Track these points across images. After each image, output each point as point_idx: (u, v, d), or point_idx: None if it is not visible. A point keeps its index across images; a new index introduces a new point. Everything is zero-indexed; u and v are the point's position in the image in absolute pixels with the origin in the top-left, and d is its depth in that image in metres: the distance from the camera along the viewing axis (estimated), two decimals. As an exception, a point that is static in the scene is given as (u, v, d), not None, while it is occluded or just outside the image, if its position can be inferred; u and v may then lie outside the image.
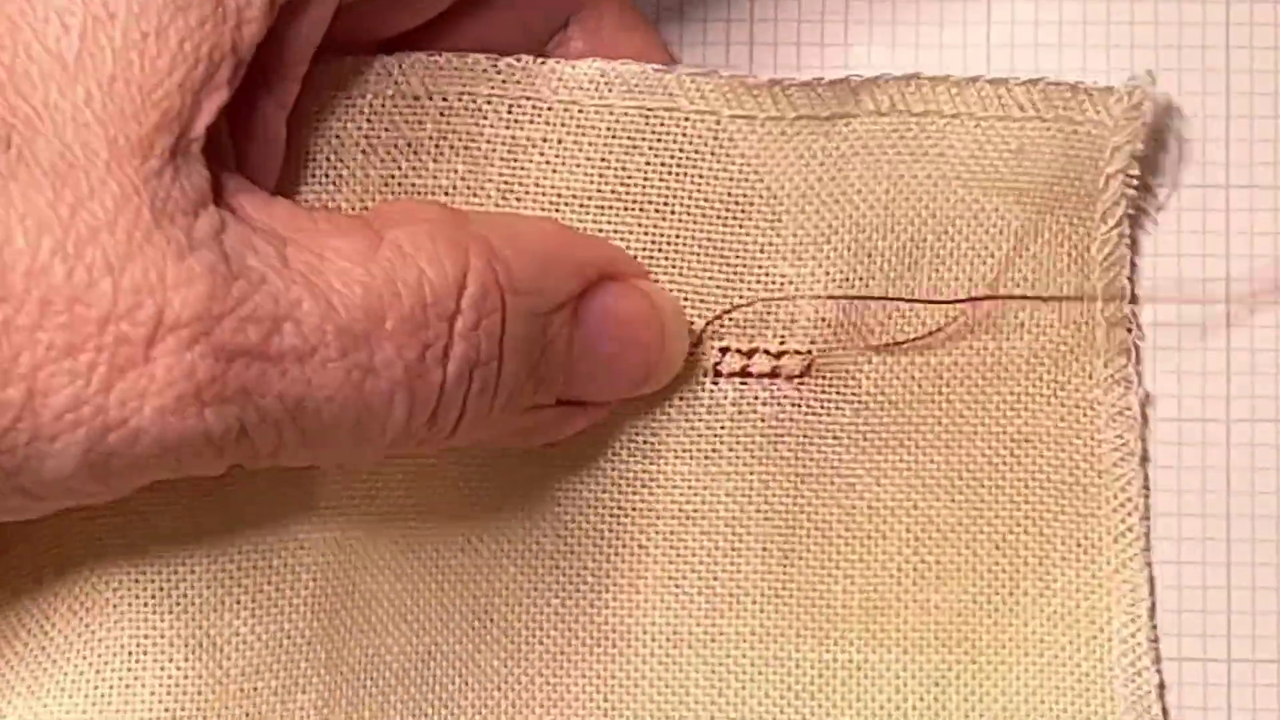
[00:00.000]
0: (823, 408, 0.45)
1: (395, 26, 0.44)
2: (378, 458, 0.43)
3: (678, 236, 0.44)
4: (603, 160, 0.44)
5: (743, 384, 0.44)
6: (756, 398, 0.44)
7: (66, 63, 0.38)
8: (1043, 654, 0.45)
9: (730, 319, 0.44)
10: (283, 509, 0.44)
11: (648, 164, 0.44)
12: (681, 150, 0.43)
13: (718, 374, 0.44)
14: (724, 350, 0.44)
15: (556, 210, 0.44)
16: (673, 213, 0.44)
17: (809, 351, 0.44)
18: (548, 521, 0.46)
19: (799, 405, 0.45)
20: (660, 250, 0.44)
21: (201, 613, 0.44)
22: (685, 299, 0.44)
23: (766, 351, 0.44)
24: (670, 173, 0.44)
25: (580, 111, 0.44)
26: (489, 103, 0.44)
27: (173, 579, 0.43)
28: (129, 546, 0.43)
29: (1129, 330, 0.46)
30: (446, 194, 0.44)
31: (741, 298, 0.44)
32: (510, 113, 0.44)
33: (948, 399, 0.45)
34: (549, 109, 0.44)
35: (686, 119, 0.43)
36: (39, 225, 0.37)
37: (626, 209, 0.44)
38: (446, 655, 0.46)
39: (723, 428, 0.45)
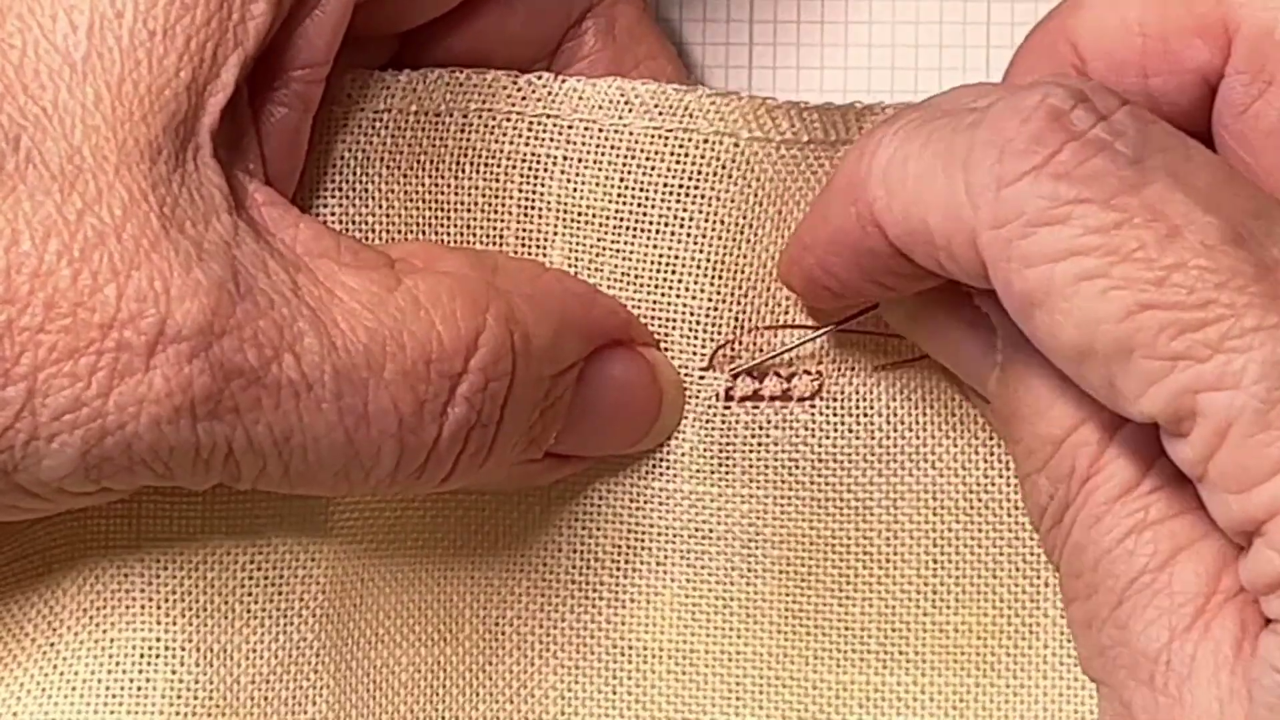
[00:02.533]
0: (835, 430, 0.45)
1: (416, 18, 0.44)
2: (358, 496, 0.44)
3: (692, 258, 0.44)
4: (621, 180, 0.44)
5: (755, 408, 0.44)
6: (769, 421, 0.44)
7: (75, 62, 0.38)
8: (1062, 676, 0.44)
9: (740, 343, 0.44)
10: (295, 520, 0.44)
11: (665, 185, 0.43)
12: (700, 172, 0.43)
13: (729, 398, 0.44)
14: (736, 375, 0.44)
15: (575, 228, 0.44)
16: (688, 234, 0.44)
17: (819, 373, 0.44)
18: (564, 536, 0.46)
19: (811, 429, 0.45)
20: (674, 272, 0.44)
21: (214, 619, 0.44)
22: (698, 320, 0.44)
23: (778, 374, 0.44)
24: (687, 194, 0.43)
25: (600, 131, 0.44)
26: (508, 119, 0.44)
27: (185, 585, 0.43)
28: (141, 550, 0.43)
29: None
30: (468, 210, 0.44)
31: (753, 320, 0.44)
32: (530, 129, 0.44)
33: (961, 419, 0.45)
34: (569, 127, 0.44)
35: (705, 140, 0.43)
36: (46, 228, 0.37)
37: (643, 229, 0.44)
38: (457, 667, 0.46)
39: (736, 450, 0.45)
